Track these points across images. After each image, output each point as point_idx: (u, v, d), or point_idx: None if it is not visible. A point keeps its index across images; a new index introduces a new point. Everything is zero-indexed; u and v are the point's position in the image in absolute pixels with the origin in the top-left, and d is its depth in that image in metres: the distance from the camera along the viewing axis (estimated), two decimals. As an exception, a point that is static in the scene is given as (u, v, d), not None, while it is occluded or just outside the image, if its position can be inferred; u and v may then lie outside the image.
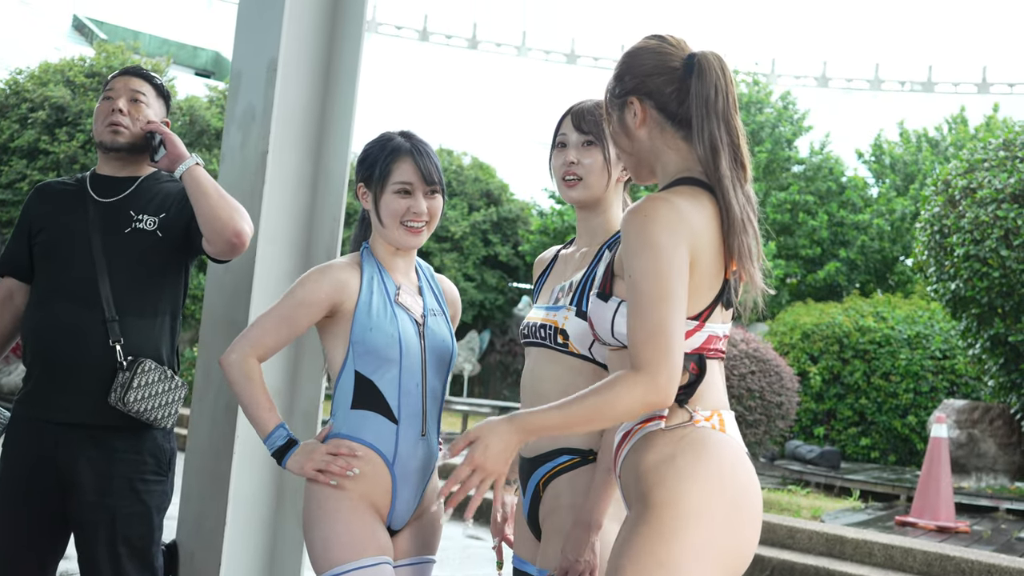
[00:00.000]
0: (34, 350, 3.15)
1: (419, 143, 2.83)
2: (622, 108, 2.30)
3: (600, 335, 2.25)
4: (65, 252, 3.16)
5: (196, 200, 3.07)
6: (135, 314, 3.14)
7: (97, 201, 3.22)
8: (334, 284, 2.73)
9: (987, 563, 6.85)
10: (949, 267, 11.07)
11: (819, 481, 12.09)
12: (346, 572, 2.59)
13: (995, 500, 10.67)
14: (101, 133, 3.23)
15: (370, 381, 2.71)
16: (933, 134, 26.31)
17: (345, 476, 2.61)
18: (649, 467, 2.13)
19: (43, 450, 3.09)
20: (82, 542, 3.14)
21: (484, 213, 23.15)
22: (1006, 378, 11.22)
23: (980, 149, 11.56)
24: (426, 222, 2.80)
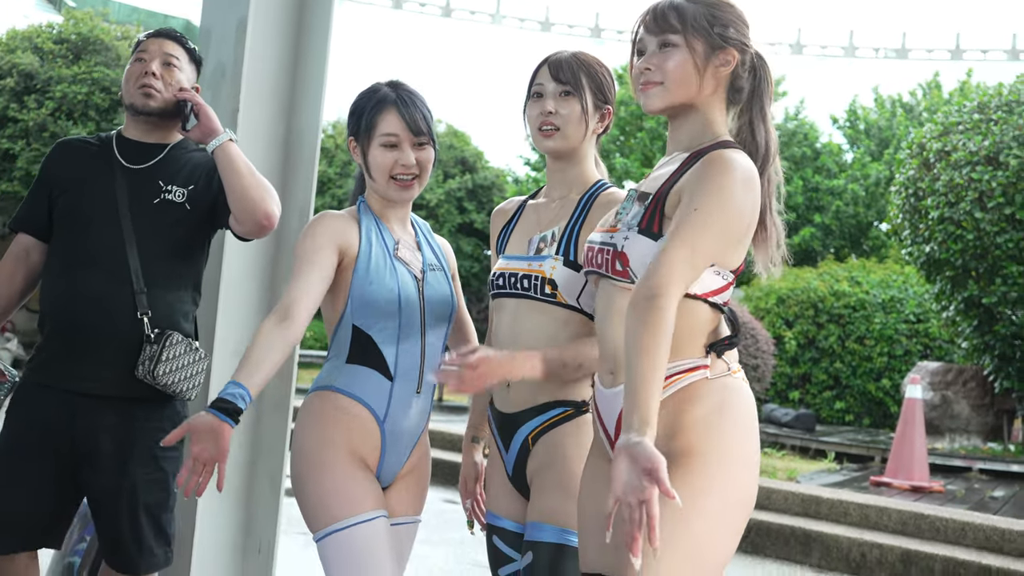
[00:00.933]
0: (56, 319, 3.05)
1: (406, 93, 2.75)
2: (714, 49, 2.28)
3: (635, 271, 2.17)
4: (91, 218, 3.06)
5: (227, 178, 2.99)
6: (162, 286, 3.06)
7: (125, 167, 3.12)
8: (332, 229, 2.66)
9: (961, 521, 6.91)
10: (924, 230, 11.11)
11: (794, 444, 12.17)
12: (344, 527, 2.54)
13: (968, 460, 10.77)
14: (132, 95, 3.12)
15: (368, 336, 2.65)
16: (907, 99, 26.37)
17: (190, 488, 2.36)
18: (698, 418, 2.12)
19: (58, 417, 3.01)
20: (101, 509, 3.09)
21: (459, 180, 23.08)
22: (979, 340, 11.30)
23: (955, 112, 11.58)
24: (416, 175, 2.72)
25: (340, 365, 2.67)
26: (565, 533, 2.51)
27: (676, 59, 2.26)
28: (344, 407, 2.64)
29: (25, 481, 3.04)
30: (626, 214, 2.28)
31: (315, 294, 2.59)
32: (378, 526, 2.57)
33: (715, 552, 2.11)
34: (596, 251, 2.29)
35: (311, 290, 2.57)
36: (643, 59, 2.31)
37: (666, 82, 2.27)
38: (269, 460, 4.00)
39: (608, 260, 2.23)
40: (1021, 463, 10.50)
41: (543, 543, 2.52)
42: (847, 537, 6.90)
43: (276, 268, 4.02)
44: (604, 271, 2.25)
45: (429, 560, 6.04)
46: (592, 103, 2.68)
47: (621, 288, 2.22)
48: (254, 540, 4.01)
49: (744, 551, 7.19)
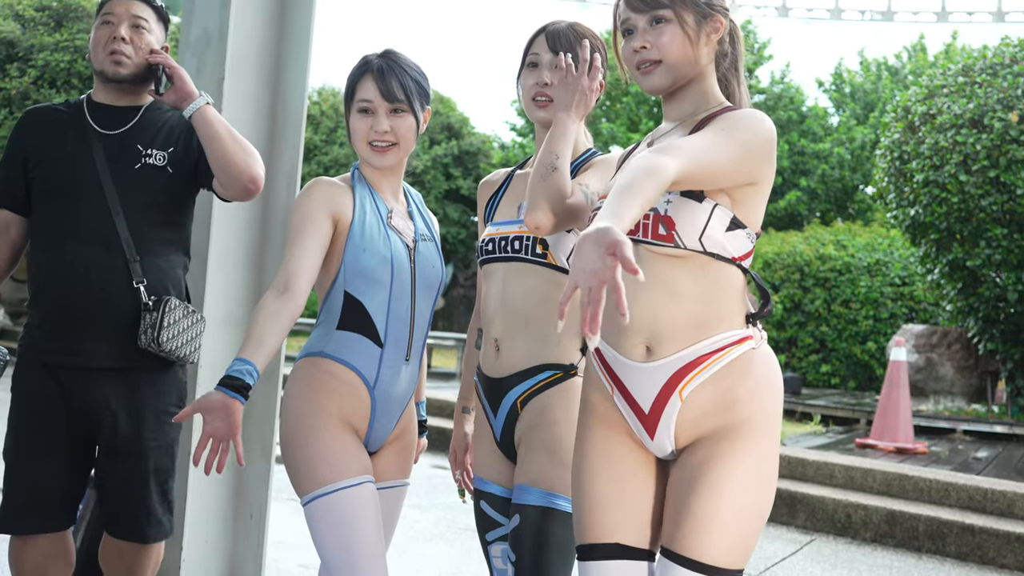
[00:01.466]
0: (50, 295, 3.02)
1: (390, 61, 2.73)
2: (704, 18, 2.26)
3: (681, 237, 2.13)
4: (73, 190, 3.01)
5: (208, 144, 2.96)
6: (153, 253, 3.04)
7: (100, 133, 3.07)
8: (326, 196, 2.65)
9: (945, 482, 6.98)
10: (909, 193, 11.14)
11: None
12: (331, 492, 2.56)
13: (953, 422, 10.86)
14: (102, 62, 3.06)
15: (359, 302, 2.66)
16: (893, 62, 26.35)
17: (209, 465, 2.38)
18: (752, 389, 2.15)
19: (64, 394, 3.00)
20: (109, 476, 3.09)
21: (445, 147, 23.04)
22: (964, 302, 11.36)
23: (940, 75, 11.58)
24: (392, 143, 2.71)
25: (330, 331, 2.68)
26: (552, 497, 2.53)
27: (670, 34, 2.24)
28: (334, 373, 2.65)
29: (39, 461, 3.03)
30: None
31: (313, 263, 2.59)
32: (364, 491, 2.59)
33: (763, 513, 2.18)
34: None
35: (309, 260, 2.58)
36: (634, 38, 2.27)
37: (665, 59, 2.25)
38: (260, 427, 4.03)
39: (647, 225, 2.16)
40: (1004, 424, 10.59)
41: (530, 506, 2.54)
42: (832, 499, 6.97)
43: (265, 235, 4.03)
44: (640, 236, 2.17)
45: (419, 524, 6.09)
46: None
47: (660, 255, 2.16)
48: (245, 506, 4.05)
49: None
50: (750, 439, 2.13)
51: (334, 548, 2.55)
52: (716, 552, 2.10)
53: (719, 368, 2.14)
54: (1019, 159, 10.14)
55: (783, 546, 6.39)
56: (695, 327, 2.15)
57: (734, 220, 2.15)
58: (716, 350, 2.14)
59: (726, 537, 2.11)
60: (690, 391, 2.15)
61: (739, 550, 2.14)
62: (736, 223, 2.16)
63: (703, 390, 2.15)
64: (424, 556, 5.38)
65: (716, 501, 2.10)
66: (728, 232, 2.15)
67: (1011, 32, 11.97)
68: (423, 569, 5.12)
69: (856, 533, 6.78)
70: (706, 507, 2.11)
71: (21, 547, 3.04)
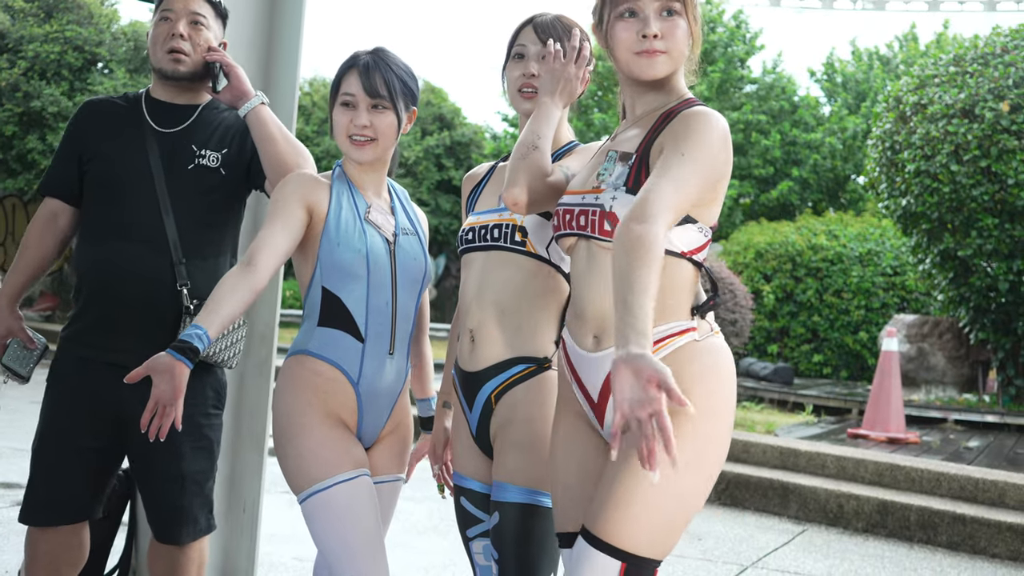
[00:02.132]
0: (93, 289, 3.01)
1: (377, 58, 2.73)
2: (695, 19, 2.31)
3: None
4: (125, 186, 3.01)
5: (261, 143, 2.95)
6: (200, 255, 3.03)
7: (156, 131, 3.06)
8: (302, 186, 2.67)
9: (936, 471, 7.00)
10: (900, 183, 11.16)
11: (773, 397, 12.28)
12: (325, 488, 2.57)
13: (944, 412, 10.90)
14: (160, 60, 3.04)
15: (337, 297, 2.66)
16: (884, 52, 26.35)
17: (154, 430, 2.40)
18: (689, 379, 2.13)
19: (101, 390, 2.99)
20: (146, 478, 3.10)
21: (437, 137, 23.02)
22: (955, 292, 11.39)
23: (931, 65, 11.59)
24: (371, 138, 2.70)
25: (312, 328, 2.69)
26: (531, 493, 2.53)
27: (683, 29, 2.27)
28: (319, 371, 2.66)
29: (62, 460, 3.05)
30: (609, 175, 2.27)
31: (279, 244, 2.59)
32: (359, 485, 2.60)
33: (690, 503, 2.16)
34: (577, 212, 2.28)
35: (274, 239, 2.59)
36: (643, 23, 2.26)
37: (671, 52, 2.28)
38: (252, 420, 4.02)
39: (595, 221, 2.22)
40: (995, 414, 10.64)
41: (508, 503, 2.53)
42: (824, 489, 6.99)
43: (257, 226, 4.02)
44: (589, 232, 2.24)
45: (412, 517, 6.10)
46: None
47: (606, 249, 2.20)
48: (238, 499, 4.04)
49: (723, 504, 7.28)
50: (682, 427, 2.09)
51: (333, 542, 2.56)
52: (629, 537, 2.09)
53: (659, 357, 2.13)
54: (1010, 149, 10.17)
55: (775, 536, 6.41)
56: None
57: (684, 216, 2.17)
58: (656, 341, 2.16)
59: (641, 522, 2.09)
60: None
61: (656, 537, 2.11)
62: (686, 219, 2.18)
63: None
64: (417, 549, 5.39)
65: (635, 484, 2.09)
66: (677, 227, 2.17)
67: (1002, 21, 11.98)
68: (416, 561, 5.13)
69: (848, 523, 6.80)
70: (624, 490, 2.10)
71: (37, 535, 3.11)
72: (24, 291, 3.19)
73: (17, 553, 4.57)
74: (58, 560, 3.14)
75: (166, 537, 3.13)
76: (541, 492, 2.52)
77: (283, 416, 2.65)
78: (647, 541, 2.11)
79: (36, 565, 3.17)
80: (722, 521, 6.75)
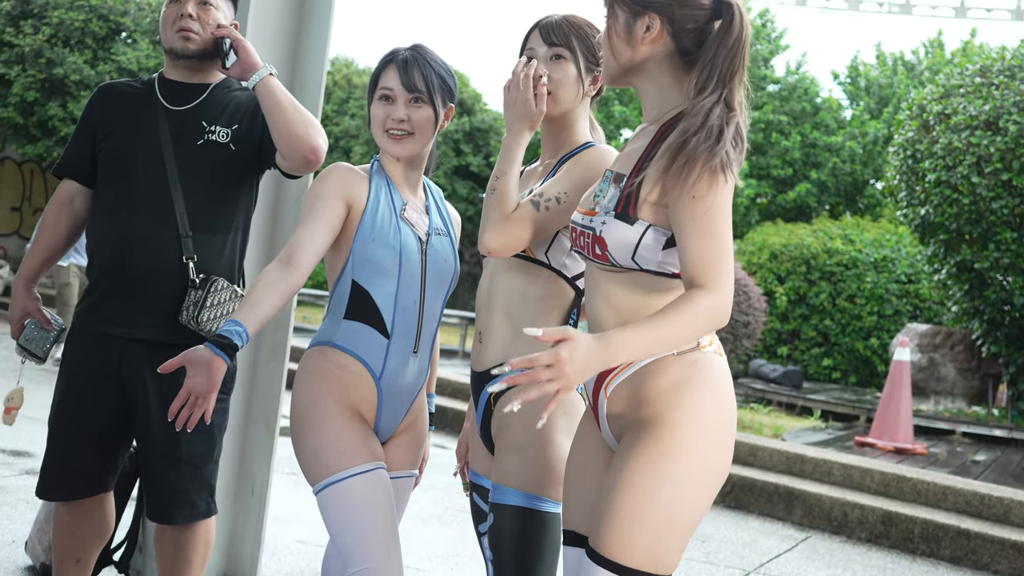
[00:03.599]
0: (102, 263, 3.06)
1: (416, 53, 2.74)
2: (634, 16, 2.23)
3: (614, 256, 2.18)
4: (136, 162, 3.04)
5: (270, 113, 2.95)
6: (207, 230, 3.05)
7: (168, 109, 3.10)
8: (343, 181, 2.66)
9: (942, 485, 6.99)
10: (920, 192, 11.12)
11: (781, 400, 12.27)
12: (342, 480, 2.57)
13: (952, 423, 10.87)
14: (170, 40, 3.08)
15: (367, 292, 2.66)
16: (909, 57, 26.23)
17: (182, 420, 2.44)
18: (662, 391, 2.16)
19: (108, 364, 3.04)
20: (145, 458, 3.13)
21: (456, 123, 22.98)
22: (969, 304, 11.36)
23: (956, 75, 11.53)
24: (408, 132, 2.71)
25: (339, 321, 2.69)
26: (526, 497, 2.52)
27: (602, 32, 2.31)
28: (342, 363, 2.66)
29: (75, 438, 3.09)
30: (603, 197, 2.25)
31: (319, 242, 2.60)
32: (376, 477, 2.61)
33: (684, 515, 2.15)
34: (578, 233, 2.29)
35: (315, 238, 2.59)
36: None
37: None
38: (265, 403, 4.04)
39: (589, 244, 2.23)
40: (1004, 428, 10.61)
41: (502, 505, 2.54)
42: (830, 496, 6.99)
43: (277, 208, 4.03)
44: (586, 254, 2.26)
45: (416, 504, 6.11)
46: (584, 66, 2.64)
47: (603, 271, 2.24)
48: (247, 481, 4.06)
49: (727, 507, 7.28)
50: (658, 438, 2.13)
51: (348, 534, 2.57)
52: (631, 554, 2.11)
53: (635, 370, 2.20)
54: (1033, 163, 10.12)
55: (778, 542, 6.41)
56: None
57: (672, 239, 2.15)
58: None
59: (635, 537, 2.11)
60: (612, 389, 2.24)
61: (655, 552, 2.12)
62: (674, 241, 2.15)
63: (620, 389, 2.22)
64: (420, 537, 5.40)
65: (626, 499, 2.12)
66: (666, 250, 2.16)
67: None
68: (419, 550, 5.14)
69: (852, 532, 6.80)
70: (617, 505, 2.13)
71: (61, 509, 3.21)
72: (41, 273, 3.24)
73: (25, 523, 4.60)
74: (82, 532, 3.22)
75: (161, 517, 3.16)
76: (537, 497, 2.52)
77: (302, 406, 2.66)
78: (646, 556, 2.12)
79: (61, 537, 3.24)
80: (726, 524, 6.75)
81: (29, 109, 15.91)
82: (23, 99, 15.63)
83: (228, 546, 4.08)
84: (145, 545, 3.95)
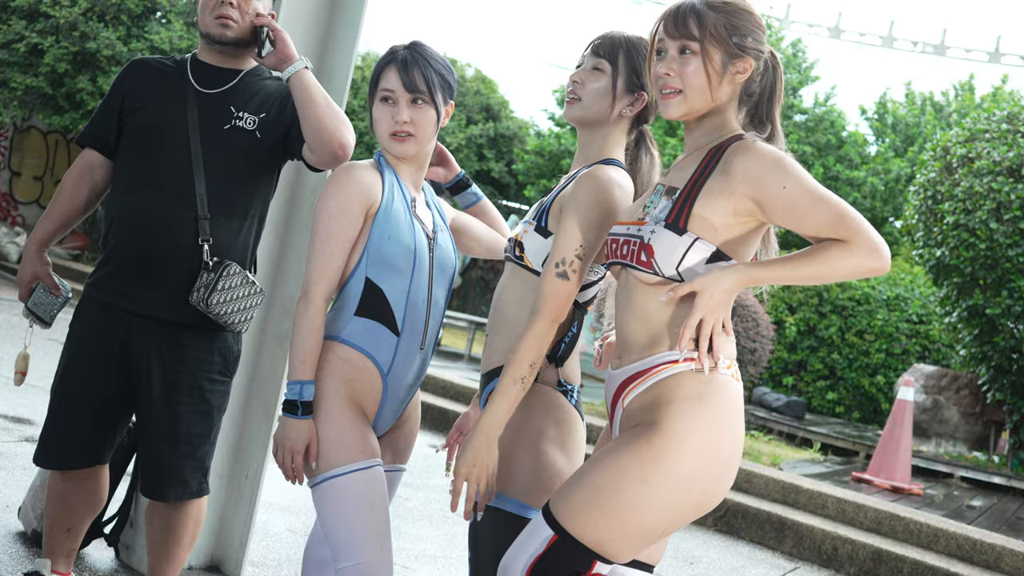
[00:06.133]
0: (118, 237, 3.09)
1: (415, 53, 2.74)
2: (732, 57, 2.33)
3: (659, 265, 2.27)
4: (160, 140, 3.07)
5: (303, 107, 2.98)
6: (225, 215, 3.08)
7: (198, 91, 3.13)
8: (360, 187, 2.67)
9: (935, 527, 6.98)
10: (937, 233, 11.09)
11: (782, 430, 12.24)
12: (342, 475, 2.60)
13: (951, 467, 10.83)
14: (209, 25, 3.10)
15: (380, 289, 2.68)
16: (939, 98, 26.17)
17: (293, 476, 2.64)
18: (674, 400, 2.23)
19: (114, 337, 3.08)
20: (144, 433, 3.17)
21: (481, 127, 23.01)
22: (978, 349, 11.32)
23: (983, 119, 11.51)
24: (411, 133, 2.72)
25: (348, 317, 2.69)
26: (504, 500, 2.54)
27: (694, 67, 2.32)
28: (349, 358, 2.67)
29: (75, 409, 3.13)
30: (654, 208, 2.34)
31: (337, 270, 2.67)
32: (374, 474, 2.63)
33: (641, 518, 2.21)
34: (621, 242, 2.35)
35: (338, 266, 2.66)
36: (663, 63, 2.36)
37: (686, 91, 2.33)
38: (265, 390, 4.06)
39: (634, 251, 2.30)
40: (1003, 476, 10.57)
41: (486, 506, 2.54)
42: (822, 529, 6.98)
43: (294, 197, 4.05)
44: (629, 261, 2.32)
45: (408, 503, 6.13)
46: (624, 84, 2.68)
47: (640, 283, 2.32)
48: (242, 465, 4.08)
49: (719, 530, 7.28)
50: (648, 439, 2.20)
51: (342, 529, 2.59)
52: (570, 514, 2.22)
53: (653, 382, 2.28)
54: (1052, 214, 10.09)
55: (766, 570, 6.40)
56: (648, 344, 2.30)
57: (716, 253, 2.26)
58: (654, 367, 2.28)
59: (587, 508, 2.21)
60: (628, 400, 2.32)
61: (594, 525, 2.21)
62: (719, 255, 2.27)
63: (637, 401, 2.30)
64: (410, 536, 5.42)
65: (591, 472, 2.24)
66: (710, 263, 2.26)
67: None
68: (408, 548, 5.15)
69: (841, 566, 6.79)
70: (585, 476, 2.25)
71: (56, 476, 3.25)
72: (54, 238, 3.26)
73: (21, 489, 4.63)
74: (75, 501, 3.26)
75: (154, 494, 3.20)
76: (518, 502, 2.53)
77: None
78: (584, 524, 2.21)
79: (53, 505, 3.28)
80: (716, 548, 6.75)
81: (59, 80, 15.98)
82: (54, 70, 15.70)
83: (219, 529, 4.10)
84: (136, 521, 3.98)
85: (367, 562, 2.57)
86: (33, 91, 16.01)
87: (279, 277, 4.06)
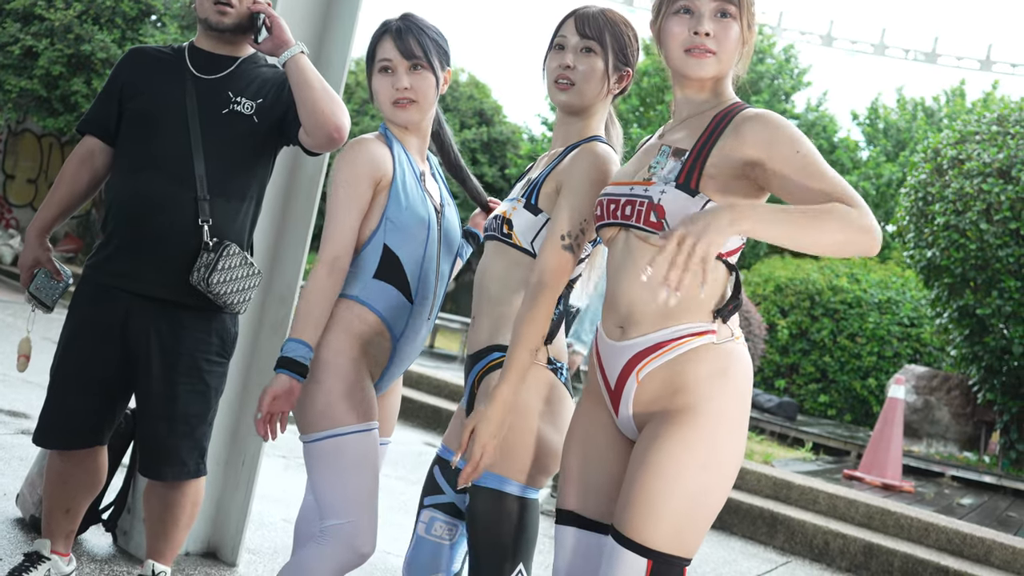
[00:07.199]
0: (119, 219, 3.12)
1: (407, 22, 2.78)
2: (750, 27, 2.36)
3: (671, 225, 2.23)
4: (160, 124, 3.12)
5: (299, 90, 3.02)
6: (224, 197, 3.13)
7: (196, 76, 3.17)
8: (371, 160, 2.70)
9: (926, 521, 7.03)
10: (928, 235, 11.16)
11: (774, 430, 12.30)
12: (344, 434, 2.62)
13: (942, 466, 10.89)
14: (207, 11, 3.15)
15: (396, 257, 2.72)
16: (930, 104, 26.28)
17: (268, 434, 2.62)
18: (701, 378, 2.22)
19: (113, 317, 3.11)
20: (142, 413, 3.20)
21: (475, 132, 23.07)
22: (969, 349, 11.38)
23: (974, 122, 11.59)
24: (412, 99, 2.76)
25: (366, 279, 2.71)
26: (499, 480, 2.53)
27: (735, 31, 2.32)
28: (366, 319, 2.70)
29: (74, 390, 3.16)
30: (660, 168, 2.31)
31: (352, 236, 2.69)
32: (373, 437, 2.67)
33: (709, 503, 2.22)
34: (623, 203, 2.32)
35: (354, 233, 2.68)
36: (698, 21, 2.31)
37: (720, 54, 2.33)
38: (263, 377, 4.09)
39: (641, 211, 2.27)
40: (993, 475, 10.62)
41: (476, 486, 2.55)
42: (813, 524, 7.03)
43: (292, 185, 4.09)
44: (633, 221, 2.29)
45: (404, 496, 6.16)
46: (613, 63, 2.65)
47: (643, 240, 2.27)
48: (238, 452, 4.11)
49: (711, 526, 7.31)
50: (694, 426, 2.19)
51: (333, 488, 2.62)
52: (654, 535, 2.16)
53: (675, 356, 2.24)
54: (1042, 214, 10.16)
55: (758, 564, 6.44)
56: (662, 315, 2.25)
57: None
58: (675, 339, 2.24)
59: (664, 520, 2.16)
60: (646, 374, 2.27)
61: (679, 535, 2.18)
62: None
63: (656, 374, 2.26)
64: (404, 527, 5.44)
65: (656, 484, 2.17)
66: None
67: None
68: (400, 537, 5.18)
69: (832, 560, 6.83)
70: (646, 490, 2.17)
71: (55, 457, 3.29)
72: (55, 224, 3.30)
73: (18, 479, 4.66)
74: (74, 482, 3.29)
75: (151, 473, 3.23)
76: (511, 481, 2.53)
77: (320, 354, 2.67)
78: (671, 539, 2.17)
79: (52, 486, 3.31)
80: (708, 542, 6.78)
81: (53, 83, 15.99)
82: (48, 72, 15.72)
83: (215, 515, 4.14)
84: (134, 507, 4.01)
85: (355, 522, 2.61)
86: (27, 94, 16.02)
87: (276, 267, 4.09)
